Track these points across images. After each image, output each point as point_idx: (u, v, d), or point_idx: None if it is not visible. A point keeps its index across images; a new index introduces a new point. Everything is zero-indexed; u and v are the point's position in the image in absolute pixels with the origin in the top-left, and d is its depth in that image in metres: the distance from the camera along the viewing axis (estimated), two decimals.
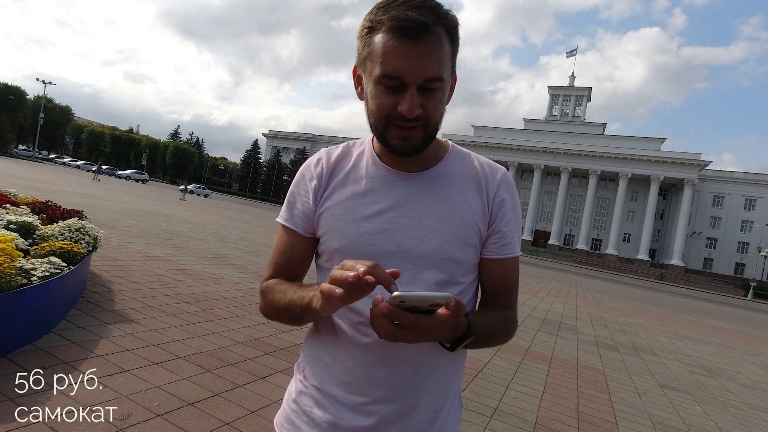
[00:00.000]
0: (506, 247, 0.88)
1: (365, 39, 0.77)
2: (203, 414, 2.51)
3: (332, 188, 0.89)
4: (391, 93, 0.75)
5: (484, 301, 0.93)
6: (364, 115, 0.82)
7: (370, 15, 0.77)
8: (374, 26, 0.75)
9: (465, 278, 0.87)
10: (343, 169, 0.90)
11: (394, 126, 0.77)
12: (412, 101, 0.73)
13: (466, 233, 0.85)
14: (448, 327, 0.67)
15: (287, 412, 0.92)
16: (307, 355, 0.93)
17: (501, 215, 0.88)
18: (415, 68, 0.72)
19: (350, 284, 0.62)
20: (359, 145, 0.93)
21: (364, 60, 0.78)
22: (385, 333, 0.64)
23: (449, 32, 0.76)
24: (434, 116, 0.77)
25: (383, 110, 0.76)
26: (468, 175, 0.89)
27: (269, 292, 0.88)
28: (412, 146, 0.78)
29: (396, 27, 0.72)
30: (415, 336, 0.65)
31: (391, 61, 0.72)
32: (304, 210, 0.90)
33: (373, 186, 0.86)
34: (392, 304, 0.62)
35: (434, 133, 0.81)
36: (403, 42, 0.72)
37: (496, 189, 0.88)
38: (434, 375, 0.85)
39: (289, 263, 0.92)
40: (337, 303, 0.67)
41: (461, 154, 0.92)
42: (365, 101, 0.80)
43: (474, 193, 0.87)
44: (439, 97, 0.76)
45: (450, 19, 0.76)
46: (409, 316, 0.63)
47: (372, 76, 0.76)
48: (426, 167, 0.87)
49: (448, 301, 0.63)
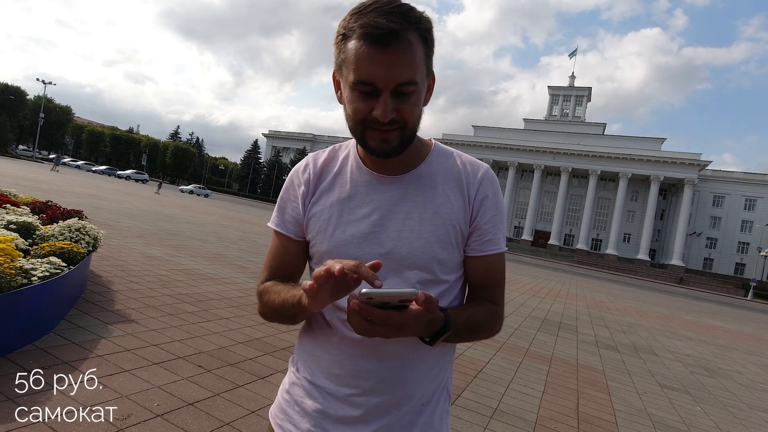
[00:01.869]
0: (488, 243, 0.90)
1: (340, 45, 0.79)
2: (203, 414, 2.51)
3: (319, 193, 0.92)
4: (365, 98, 0.77)
5: (470, 297, 0.96)
6: (344, 118, 0.84)
7: (343, 22, 0.78)
8: (347, 33, 0.77)
9: (449, 276, 0.89)
10: (329, 173, 0.93)
11: (371, 129, 0.79)
12: (384, 106, 0.75)
13: (448, 233, 0.87)
14: (423, 322, 0.69)
15: (280, 403, 0.96)
16: (300, 350, 0.96)
17: (482, 212, 0.89)
18: (387, 74, 0.74)
19: (324, 278, 0.64)
20: (344, 148, 0.96)
21: (341, 66, 0.80)
22: (361, 329, 0.67)
23: (422, 35, 0.78)
24: (410, 119, 0.79)
25: (359, 115, 0.79)
26: (450, 174, 0.91)
27: (265, 294, 0.91)
28: (390, 148, 0.81)
29: (366, 34, 0.74)
30: (390, 331, 0.67)
31: (363, 67, 0.75)
32: (294, 215, 0.93)
33: (358, 191, 0.89)
34: (361, 301, 0.64)
35: (412, 135, 0.83)
36: (374, 49, 0.74)
37: (478, 187, 0.90)
38: (420, 368, 0.87)
39: (283, 266, 0.95)
40: (323, 299, 0.70)
41: (444, 153, 0.94)
42: (344, 106, 0.83)
43: (455, 193, 0.89)
44: (413, 101, 0.79)
45: (423, 22, 0.78)
46: (380, 313, 0.65)
47: (347, 81, 0.78)
48: (409, 168, 0.90)
49: (416, 295, 0.64)
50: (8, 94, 65.56)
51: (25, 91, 68.94)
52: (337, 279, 0.66)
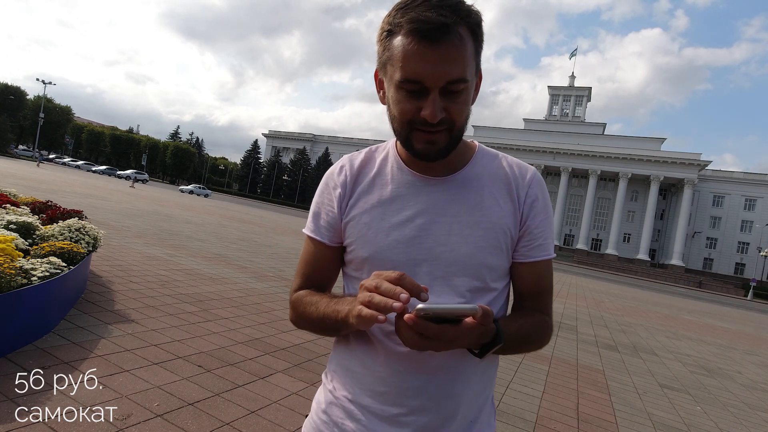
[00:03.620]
0: (539, 249, 0.85)
1: (384, 42, 0.75)
2: (203, 414, 2.51)
3: (357, 196, 0.87)
4: (413, 97, 0.73)
5: (517, 305, 0.90)
6: (387, 119, 0.80)
7: (388, 17, 0.74)
8: (393, 29, 0.73)
9: (497, 284, 0.85)
10: (367, 175, 0.88)
11: (418, 130, 0.75)
12: (434, 106, 0.71)
13: (498, 237, 0.82)
14: (476, 335, 0.66)
15: (317, 423, 0.90)
16: (337, 365, 0.90)
17: (532, 216, 0.85)
18: (436, 71, 0.70)
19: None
20: (382, 149, 0.91)
21: (385, 64, 0.76)
22: (411, 343, 0.64)
23: (472, 30, 0.73)
24: (459, 119, 0.75)
25: (405, 115, 0.74)
26: (497, 177, 0.86)
27: (300, 305, 0.87)
28: (437, 150, 0.76)
29: (415, 29, 0.69)
30: (442, 345, 0.64)
31: (411, 65, 0.70)
32: (329, 220, 0.88)
33: (400, 192, 0.84)
34: (417, 316, 0.61)
35: (460, 136, 0.78)
36: (423, 45, 0.69)
37: (527, 189, 0.85)
38: (469, 383, 0.83)
39: (317, 273, 0.91)
40: (378, 323, 0.66)
41: (489, 154, 0.90)
42: (387, 105, 0.79)
43: (504, 196, 0.85)
44: (463, 100, 0.74)
45: (473, 16, 0.73)
46: (434, 327, 0.62)
47: (393, 80, 0.74)
48: (453, 170, 0.85)
49: (475, 311, 0.62)
50: (8, 94, 65.60)
51: (24, 91, 69.10)
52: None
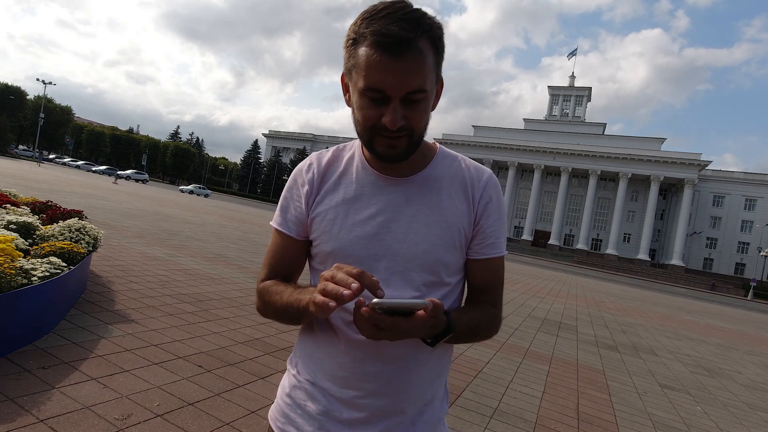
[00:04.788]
0: (491, 247, 0.91)
1: (350, 50, 0.78)
2: (203, 414, 2.51)
3: (324, 193, 0.92)
4: (375, 105, 0.77)
5: (470, 298, 0.97)
6: (352, 121, 0.84)
7: (354, 26, 0.77)
8: (358, 38, 0.76)
9: (452, 279, 0.90)
10: (333, 173, 0.93)
11: (380, 135, 0.79)
12: (394, 114, 0.76)
13: (453, 236, 0.88)
14: (428, 326, 0.72)
15: (281, 406, 0.95)
16: (301, 351, 0.96)
17: (486, 216, 0.91)
18: (398, 82, 0.74)
19: (344, 299, 0.66)
20: (349, 148, 0.96)
21: (350, 70, 0.80)
22: (368, 333, 0.70)
23: (433, 42, 0.77)
24: (418, 126, 0.80)
25: (368, 121, 0.79)
26: (455, 178, 0.92)
27: (266, 294, 0.91)
28: (397, 154, 0.81)
29: (378, 42, 0.73)
30: (396, 335, 0.70)
31: (374, 75, 0.74)
32: (297, 215, 0.93)
33: (364, 191, 0.90)
34: (372, 309, 0.67)
35: (419, 141, 0.83)
36: (385, 57, 0.73)
37: (482, 191, 0.91)
38: (423, 370, 0.88)
39: (284, 265, 0.95)
40: (331, 311, 0.71)
41: (449, 156, 0.95)
42: (352, 109, 0.83)
43: (460, 196, 0.90)
44: (423, 108, 0.79)
45: (434, 29, 0.77)
46: (388, 320, 0.68)
47: (357, 87, 0.78)
48: (414, 171, 0.90)
49: (426, 306, 0.67)
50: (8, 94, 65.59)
51: (25, 91, 69.06)
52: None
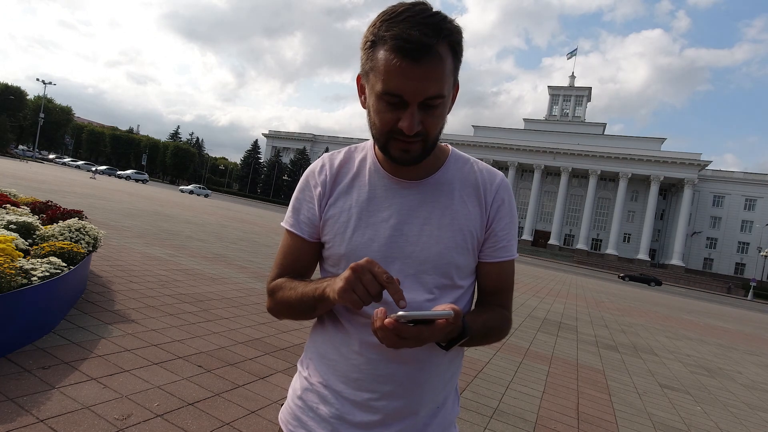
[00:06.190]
0: (503, 250, 0.92)
1: (368, 52, 0.78)
2: (203, 414, 2.51)
3: (336, 195, 0.91)
4: (392, 109, 0.77)
5: (481, 300, 0.96)
6: (367, 123, 0.84)
7: (373, 27, 0.76)
8: (377, 41, 0.75)
9: (464, 281, 0.90)
10: (346, 175, 0.92)
11: (396, 139, 0.79)
12: (412, 119, 0.75)
13: (465, 239, 0.88)
14: (446, 332, 0.72)
15: (293, 409, 0.94)
16: (313, 352, 0.95)
17: (498, 219, 0.91)
18: (416, 88, 0.74)
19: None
20: (361, 150, 0.95)
21: (368, 73, 0.79)
22: (390, 342, 0.70)
23: (452, 47, 0.77)
24: (433, 131, 0.80)
25: (385, 125, 0.78)
26: (467, 181, 0.92)
27: (278, 290, 0.91)
28: (411, 158, 0.81)
29: (398, 47, 0.72)
30: (417, 343, 0.70)
31: (392, 79, 0.74)
32: (310, 216, 0.92)
33: (377, 194, 0.89)
34: (397, 321, 0.67)
35: (434, 145, 0.84)
36: (405, 62, 0.72)
37: (495, 194, 0.91)
38: (436, 372, 0.88)
39: (295, 266, 0.94)
40: (355, 303, 0.72)
41: (461, 159, 0.95)
42: (368, 111, 0.82)
43: (473, 200, 0.90)
44: (439, 113, 0.79)
45: (454, 34, 0.76)
46: (411, 329, 0.68)
47: (374, 90, 0.77)
48: (427, 174, 0.90)
49: (449, 316, 0.68)
50: (8, 94, 65.61)
51: (25, 91, 69.11)
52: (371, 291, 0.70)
